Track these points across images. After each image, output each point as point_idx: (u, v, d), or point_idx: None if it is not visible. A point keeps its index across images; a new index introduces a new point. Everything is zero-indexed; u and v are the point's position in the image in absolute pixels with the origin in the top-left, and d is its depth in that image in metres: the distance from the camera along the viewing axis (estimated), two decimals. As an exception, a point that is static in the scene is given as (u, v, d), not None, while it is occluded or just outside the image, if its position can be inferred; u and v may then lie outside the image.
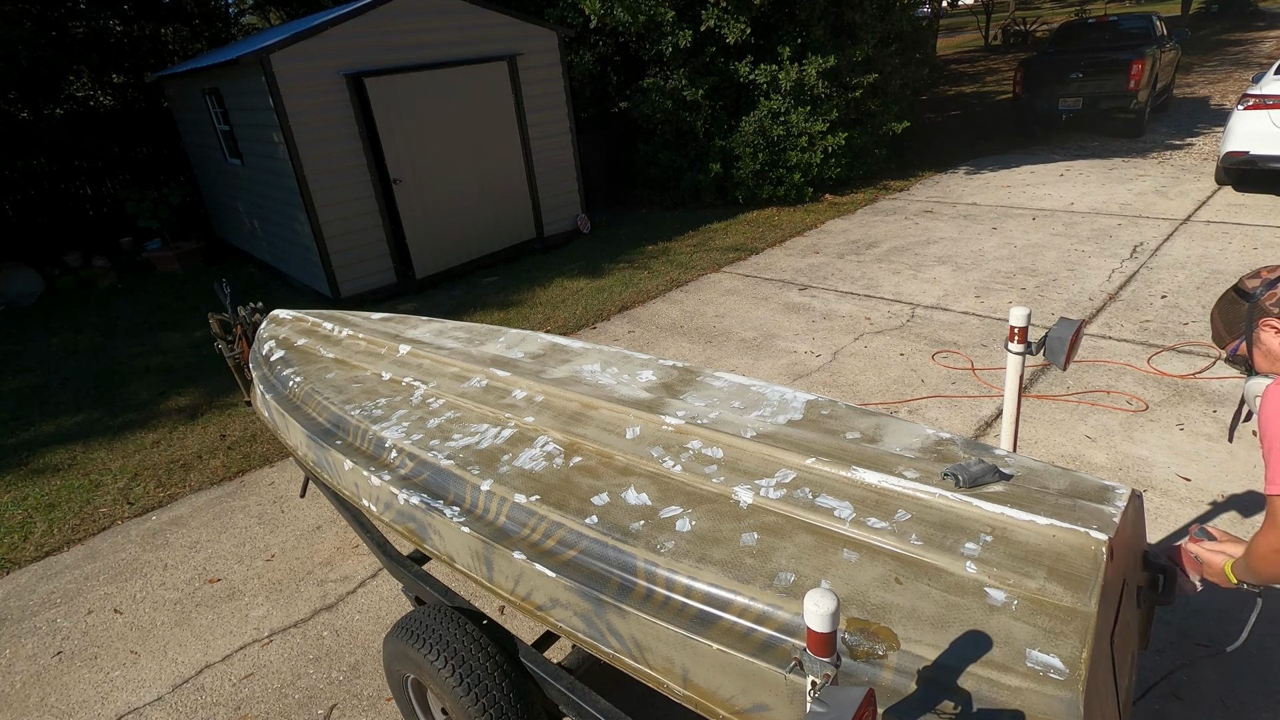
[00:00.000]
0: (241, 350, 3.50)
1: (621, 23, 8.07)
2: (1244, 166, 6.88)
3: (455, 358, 2.55)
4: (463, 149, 7.26)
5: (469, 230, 7.56)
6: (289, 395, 2.67)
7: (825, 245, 7.27)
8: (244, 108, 6.99)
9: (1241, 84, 12.63)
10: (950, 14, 35.36)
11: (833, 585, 1.37)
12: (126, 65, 11.71)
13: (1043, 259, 6.10)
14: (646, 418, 1.99)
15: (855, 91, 8.75)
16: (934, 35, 17.09)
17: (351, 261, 6.83)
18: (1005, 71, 18.19)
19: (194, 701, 2.67)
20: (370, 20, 6.38)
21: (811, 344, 5.04)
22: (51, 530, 3.82)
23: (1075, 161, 9.39)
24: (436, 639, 1.84)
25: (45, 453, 4.66)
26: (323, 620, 3.00)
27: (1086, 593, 1.25)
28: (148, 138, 10.53)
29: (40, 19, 10.34)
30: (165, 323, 7.09)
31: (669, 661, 1.44)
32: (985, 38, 25.35)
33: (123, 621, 3.12)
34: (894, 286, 5.91)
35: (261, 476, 4.17)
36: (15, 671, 2.91)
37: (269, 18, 15.61)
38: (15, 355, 6.60)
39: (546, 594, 1.63)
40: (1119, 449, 3.46)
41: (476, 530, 1.76)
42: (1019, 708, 1.12)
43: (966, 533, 1.43)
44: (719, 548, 1.51)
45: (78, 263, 9.09)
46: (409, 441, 2.11)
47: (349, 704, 2.58)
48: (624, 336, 5.59)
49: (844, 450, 1.72)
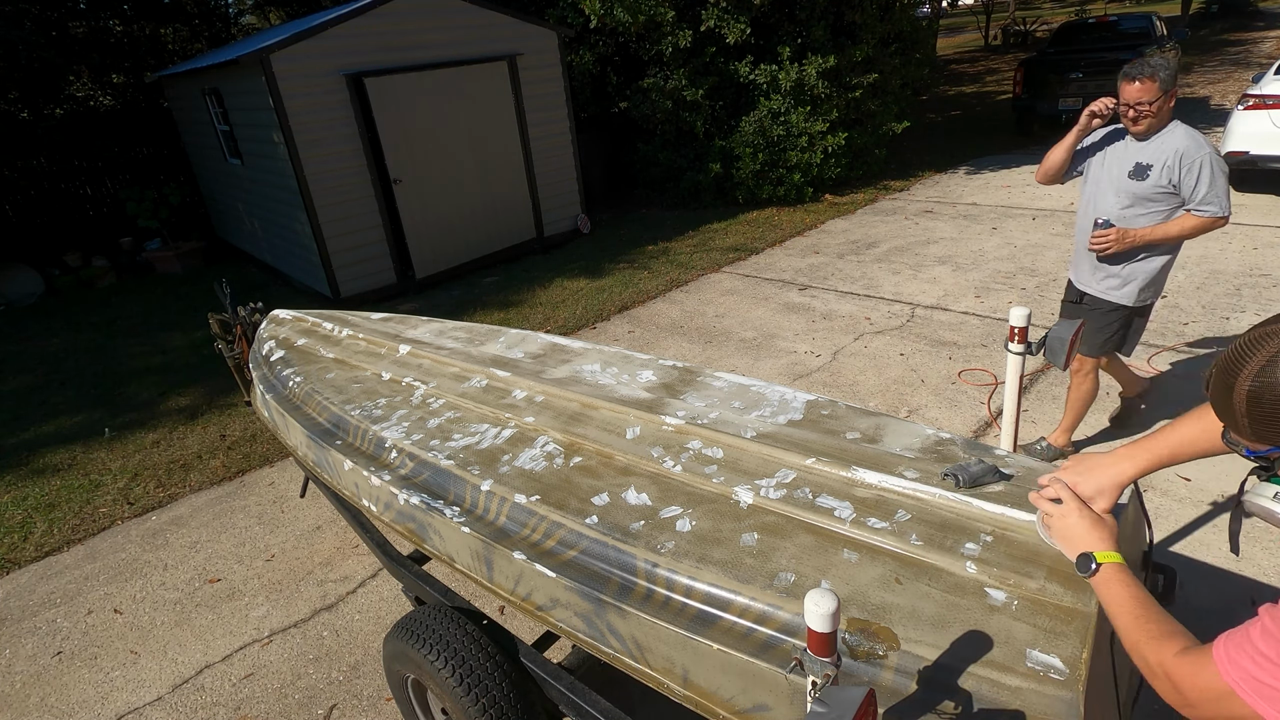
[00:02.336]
0: (241, 350, 3.50)
1: (621, 23, 8.07)
2: (1244, 166, 6.88)
3: (455, 358, 2.55)
4: (463, 149, 7.26)
5: (469, 230, 7.56)
6: (289, 395, 2.67)
7: (825, 245, 7.27)
8: (244, 108, 6.99)
9: (1241, 84, 12.63)
10: (950, 14, 35.37)
11: (833, 585, 1.37)
12: (126, 65, 11.71)
13: (1043, 259, 6.10)
14: (646, 418, 1.99)
15: (855, 91, 8.75)
16: (934, 35, 17.10)
17: (351, 261, 6.83)
18: (1005, 71, 18.19)
19: (194, 701, 2.67)
20: (370, 20, 6.39)
21: (811, 344, 5.04)
22: (51, 530, 3.82)
23: (1075, 161, 9.38)
24: (436, 639, 1.84)
25: (45, 453, 4.66)
26: (323, 620, 3.00)
27: (1087, 593, 1.25)
28: (148, 138, 10.53)
29: (40, 19, 10.34)
30: (165, 323, 7.09)
31: (669, 661, 1.44)
32: (985, 38, 25.37)
33: (123, 621, 3.11)
34: (894, 286, 5.91)
35: (261, 476, 4.17)
36: (15, 671, 2.91)
37: (269, 18, 15.62)
38: (15, 355, 6.60)
39: (546, 594, 1.63)
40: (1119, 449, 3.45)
41: (476, 530, 1.76)
42: (1019, 708, 1.12)
43: (967, 533, 1.43)
44: (719, 548, 1.51)
45: (78, 263, 9.09)
46: (409, 441, 2.11)
47: (349, 704, 2.58)
48: (624, 336, 5.59)
49: (844, 450, 1.72)
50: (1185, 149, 2.70)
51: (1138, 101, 2.69)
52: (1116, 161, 2.89)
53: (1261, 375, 0.89)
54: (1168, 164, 2.73)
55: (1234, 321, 4.61)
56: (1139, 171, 2.80)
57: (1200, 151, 2.69)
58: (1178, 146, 2.72)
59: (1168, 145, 2.74)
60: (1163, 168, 2.74)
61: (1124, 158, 2.86)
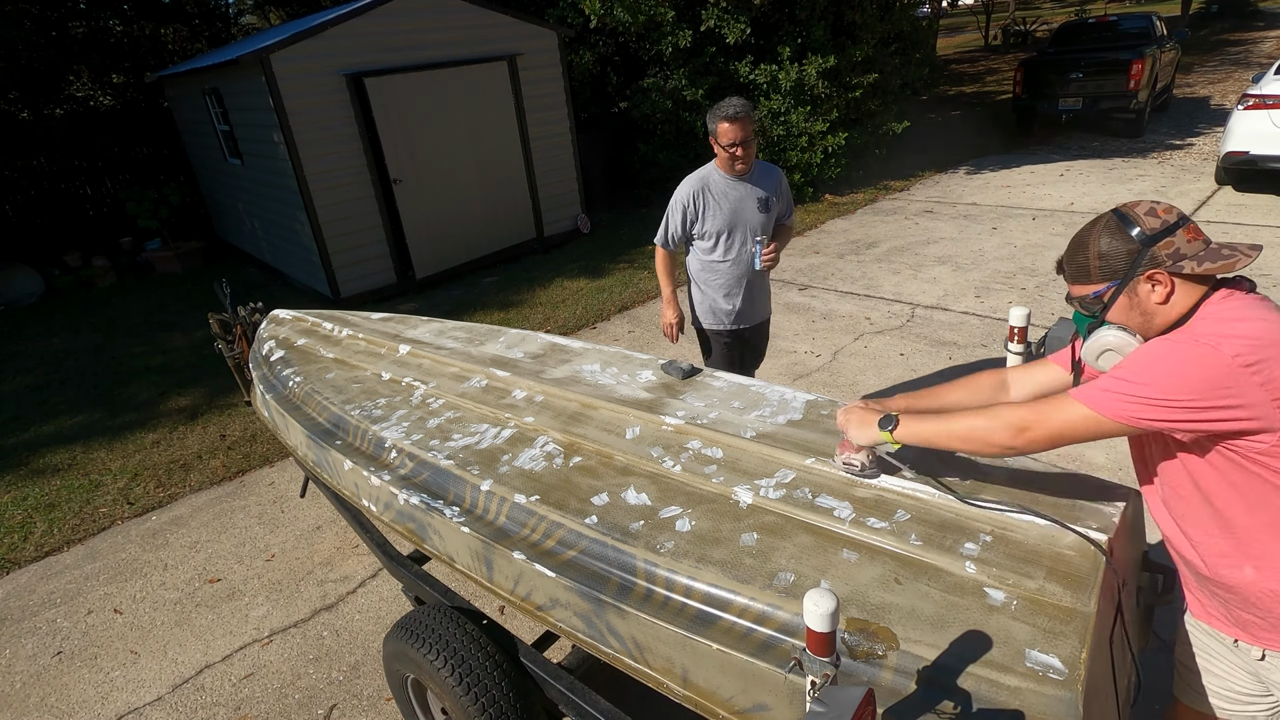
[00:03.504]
0: (241, 350, 3.50)
1: (621, 23, 8.07)
2: (1244, 166, 6.88)
3: (455, 358, 2.55)
4: (463, 149, 7.26)
5: (469, 230, 7.56)
6: (289, 395, 2.67)
7: (825, 245, 7.27)
8: (244, 108, 6.99)
9: (1241, 84, 12.63)
10: (950, 14, 35.36)
11: (832, 585, 1.37)
12: (126, 65, 11.70)
13: (1043, 259, 6.10)
14: (646, 418, 1.99)
15: (855, 91, 8.75)
16: (934, 35, 17.09)
17: (351, 261, 6.83)
18: (1005, 71, 18.19)
19: (194, 701, 2.67)
20: (370, 20, 6.39)
21: (811, 344, 5.04)
22: (51, 530, 3.82)
23: (1075, 161, 9.39)
24: (436, 639, 1.84)
25: (45, 453, 4.66)
26: (323, 620, 3.00)
27: (1086, 593, 1.25)
28: (148, 138, 10.53)
29: (40, 19, 10.34)
30: (165, 323, 7.09)
31: (669, 661, 1.44)
32: (985, 38, 25.35)
33: (123, 621, 3.12)
34: (894, 286, 5.91)
35: (261, 476, 4.17)
36: (15, 671, 2.91)
37: (269, 18, 15.62)
38: (15, 355, 6.60)
39: (546, 594, 1.63)
40: (1119, 449, 3.46)
41: (476, 530, 1.76)
42: (1019, 708, 1.12)
43: (966, 533, 1.43)
44: (719, 548, 1.51)
45: (78, 263, 9.09)
46: (409, 441, 2.11)
47: (349, 704, 2.58)
48: (624, 336, 5.59)
49: (844, 450, 1.72)
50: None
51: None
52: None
53: (1106, 222, 1.32)
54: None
55: (1234, 321, 4.60)
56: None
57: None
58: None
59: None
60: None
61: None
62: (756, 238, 3.02)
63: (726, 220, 3.00)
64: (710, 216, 3.01)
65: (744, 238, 3.03)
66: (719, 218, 3.00)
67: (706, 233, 3.04)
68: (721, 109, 2.80)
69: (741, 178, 2.97)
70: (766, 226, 3.04)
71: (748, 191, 2.98)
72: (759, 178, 3.01)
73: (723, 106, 2.80)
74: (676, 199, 3.02)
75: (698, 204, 3.00)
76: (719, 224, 3.01)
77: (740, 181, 2.98)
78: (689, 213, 3.02)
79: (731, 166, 2.92)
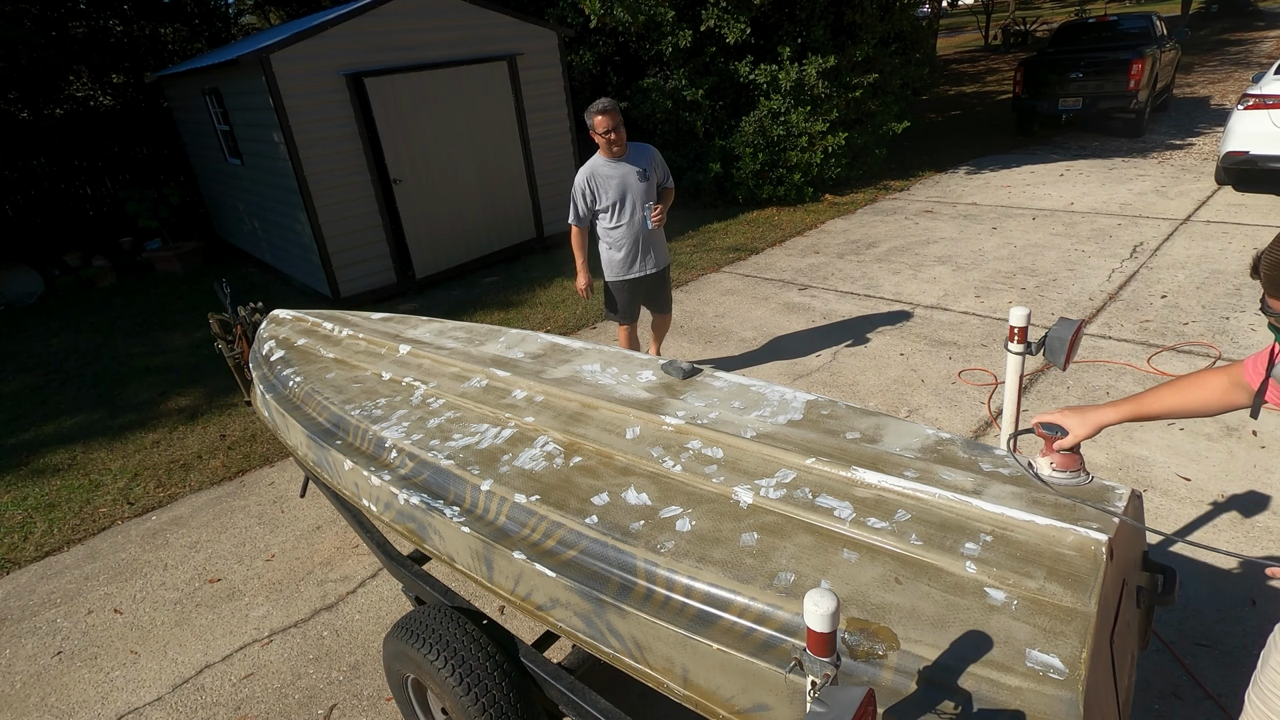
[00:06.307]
0: (241, 350, 3.50)
1: (621, 23, 8.07)
2: (1244, 166, 6.87)
3: (455, 358, 2.55)
4: (463, 149, 7.26)
5: (469, 230, 7.56)
6: (289, 395, 2.67)
7: (825, 245, 7.27)
8: (244, 108, 6.99)
9: (1241, 84, 12.63)
10: (950, 14, 35.37)
11: (833, 585, 1.37)
12: (126, 65, 11.70)
13: (1043, 259, 6.10)
14: (646, 418, 1.99)
15: (855, 91, 8.75)
16: (934, 35, 17.10)
17: (351, 261, 6.83)
18: (1005, 71, 18.20)
19: (194, 701, 2.67)
20: (370, 20, 6.38)
21: (811, 344, 5.03)
22: (51, 530, 3.82)
23: (1075, 161, 9.39)
24: (436, 639, 1.84)
25: (45, 453, 4.66)
26: (323, 620, 3.00)
27: (1086, 593, 1.25)
28: (148, 138, 10.53)
29: (40, 19, 10.34)
30: (165, 323, 7.09)
31: (669, 661, 1.44)
32: (985, 38, 25.36)
33: (123, 621, 3.12)
34: (894, 286, 5.91)
35: (261, 476, 4.17)
36: (15, 671, 2.91)
37: (269, 18, 15.62)
38: (15, 355, 6.60)
39: (546, 594, 1.63)
40: (1119, 449, 3.46)
41: (476, 530, 1.76)
42: (1019, 708, 1.12)
43: (966, 533, 1.43)
44: (719, 548, 1.51)
45: (78, 263, 9.09)
46: (409, 441, 2.11)
47: (349, 704, 2.58)
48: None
49: (844, 450, 1.72)
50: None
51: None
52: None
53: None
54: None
55: (1234, 321, 4.61)
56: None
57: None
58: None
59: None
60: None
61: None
62: (645, 203, 3.75)
63: (616, 194, 3.72)
64: (603, 194, 3.72)
65: (633, 205, 3.75)
66: (610, 193, 3.71)
67: (604, 208, 3.76)
68: (594, 107, 3.51)
69: (620, 159, 3.67)
70: (650, 193, 3.76)
71: (627, 169, 3.69)
72: (634, 156, 3.70)
73: (595, 105, 3.50)
74: (576, 187, 3.72)
75: (592, 186, 3.71)
76: (611, 198, 3.73)
77: (619, 162, 3.68)
78: (587, 195, 3.73)
79: (610, 150, 3.61)
